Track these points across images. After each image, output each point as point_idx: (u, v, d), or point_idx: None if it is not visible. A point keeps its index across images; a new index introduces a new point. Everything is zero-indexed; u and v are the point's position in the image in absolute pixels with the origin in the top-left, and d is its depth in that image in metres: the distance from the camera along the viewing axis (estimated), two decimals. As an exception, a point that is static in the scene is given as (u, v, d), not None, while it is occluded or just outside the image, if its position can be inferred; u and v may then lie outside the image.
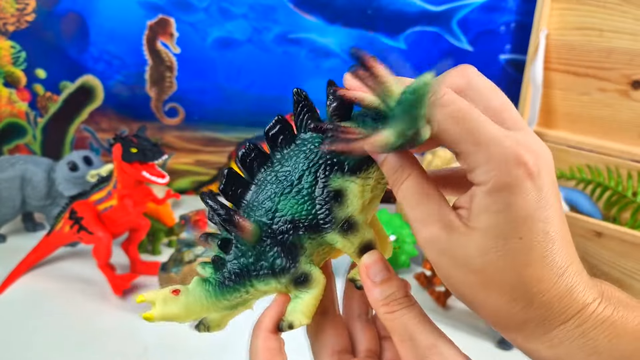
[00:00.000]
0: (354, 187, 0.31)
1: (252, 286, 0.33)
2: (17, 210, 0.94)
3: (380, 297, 0.31)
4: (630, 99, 0.88)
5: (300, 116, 0.32)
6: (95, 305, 0.77)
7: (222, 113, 1.11)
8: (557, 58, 0.94)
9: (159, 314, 0.33)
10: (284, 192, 0.32)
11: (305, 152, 0.32)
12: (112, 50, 1.07)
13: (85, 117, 1.12)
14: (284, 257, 0.32)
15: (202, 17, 1.05)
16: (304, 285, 0.32)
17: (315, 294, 0.32)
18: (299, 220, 0.31)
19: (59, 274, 0.85)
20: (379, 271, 0.31)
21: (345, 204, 0.31)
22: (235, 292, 0.33)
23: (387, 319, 0.30)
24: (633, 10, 0.85)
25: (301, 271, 0.32)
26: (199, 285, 0.34)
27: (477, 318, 0.76)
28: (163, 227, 0.93)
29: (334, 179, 0.31)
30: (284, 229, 0.32)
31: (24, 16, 1.04)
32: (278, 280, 0.32)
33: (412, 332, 0.29)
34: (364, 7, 1.04)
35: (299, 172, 0.32)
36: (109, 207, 0.80)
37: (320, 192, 0.31)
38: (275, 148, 0.33)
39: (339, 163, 0.31)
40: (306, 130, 0.32)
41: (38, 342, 0.68)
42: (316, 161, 0.31)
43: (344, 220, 0.31)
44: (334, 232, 0.31)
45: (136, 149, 0.76)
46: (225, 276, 0.33)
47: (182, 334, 0.71)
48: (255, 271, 0.32)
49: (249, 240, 0.32)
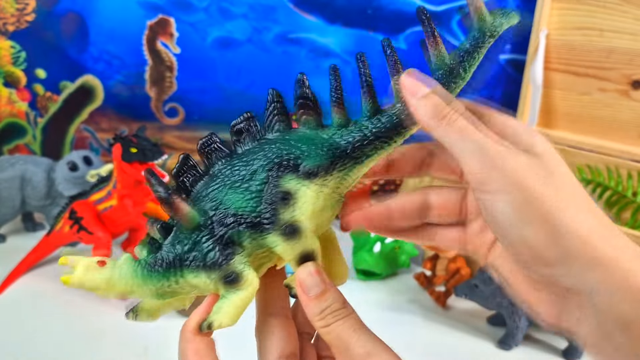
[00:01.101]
0: (305, 191, 0.31)
1: (182, 276, 0.32)
2: (17, 210, 0.94)
3: (316, 311, 0.30)
4: (631, 99, 0.88)
5: (270, 116, 0.32)
6: (95, 305, 0.77)
7: (222, 113, 1.11)
8: (557, 58, 0.94)
9: (78, 279, 0.32)
10: (233, 186, 0.31)
11: (265, 150, 0.31)
12: (112, 50, 1.07)
13: (85, 117, 1.12)
14: (219, 251, 0.31)
15: (202, 17, 1.05)
16: (232, 285, 0.31)
17: (243, 297, 0.31)
18: (242, 215, 0.31)
19: (59, 274, 0.84)
20: (314, 285, 0.30)
21: (292, 206, 0.30)
22: (163, 279, 0.32)
23: (323, 332, 0.30)
24: (633, 10, 0.84)
25: (232, 269, 0.31)
26: (127, 262, 0.32)
27: (477, 318, 0.76)
28: (163, 227, 0.93)
29: (286, 179, 0.31)
30: (225, 222, 0.31)
31: (24, 16, 1.04)
32: (208, 274, 0.31)
33: (347, 343, 0.29)
34: (364, 7, 1.04)
35: (253, 168, 0.31)
36: (109, 207, 0.80)
37: (269, 191, 0.30)
38: (237, 143, 0.32)
39: (295, 165, 0.31)
40: (273, 131, 0.32)
41: (38, 342, 0.68)
42: (272, 159, 0.31)
43: (288, 223, 0.30)
44: (275, 234, 0.30)
45: (136, 149, 0.76)
46: (157, 260, 0.32)
47: (182, 334, 0.71)
48: (187, 260, 0.31)
49: (185, 226, 0.31)
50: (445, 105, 0.29)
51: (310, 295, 0.30)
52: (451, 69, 0.32)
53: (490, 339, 0.72)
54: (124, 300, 0.78)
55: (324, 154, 0.31)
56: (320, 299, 0.30)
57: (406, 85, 0.30)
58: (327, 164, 0.31)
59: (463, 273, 0.78)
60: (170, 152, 1.13)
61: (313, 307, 0.30)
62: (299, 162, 0.31)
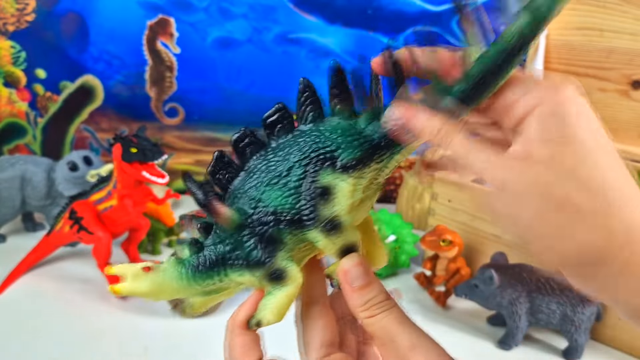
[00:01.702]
0: (344, 185, 0.30)
1: (226, 276, 0.32)
2: (17, 210, 0.94)
3: (360, 302, 0.30)
4: (631, 99, 0.88)
5: (303, 107, 0.31)
6: (95, 305, 0.77)
7: (222, 113, 1.11)
8: (557, 58, 0.94)
9: (128, 289, 0.32)
10: (270, 183, 0.31)
11: (300, 144, 0.31)
12: (112, 50, 1.07)
13: (85, 117, 1.12)
14: (261, 249, 0.31)
15: (202, 17, 1.05)
16: (277, 282, 0.31)
17: (289, 292, 0.31)
18: (281, 213, 0.30)
19: (59, 274, 0.85)
20: (358, 276, 0.31)
21: (331, 202, 0.30)
22: (208, 279, 0.32)
23: (367, 323, 0.30)
24: (633, 10, 0.84)
25: (276, 267, 0.31)
26: (172, 266, 0.33)
27: (476, 318, 0.76)
28: (163, 227, 0.93)
29: (324, 174, 0.30)
30: (265, 221, 0.30)
31: (24, 16, 1.04)
32: (252, 273, 0.31)
33: (393, 334, 0.29)
34: (364, 7, 1.04)
35: (289, 164, 0.30)
36: (109, 207, 0.80)
37: (307, 187, 0.30)
38: (271, 136, 0.32)
39: (332, 159, 0.30)
40: (307, 122, 0.31)
41: (38, 342, 0.68)
42: (308, 154, 0.30)
43: (328, 219, 0.30)
44: (316, 230, 0.30)
45: (136, 149, 0.76)
46: (200, 261, 0.32)
47: (182, 333, 0.71)
48: (231, 260, 0.31)
49: (227, 228, 0.31)
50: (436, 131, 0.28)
51: (354, 286, 0.30)
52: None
53: (490, 339, 0.72)
54: (124, 300, 0.78)
55: (360, 146, 0.30)
56: (364, 290, 0.30)
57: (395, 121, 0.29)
58: (364, 157, 0.30)
59: (463, 273, 0.78)
60: (170, 152, 1.13)
61: (357, 298, 0.30)
62: (336, 155, 0.30)
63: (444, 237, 0.76)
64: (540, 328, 0.73)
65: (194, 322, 0.73)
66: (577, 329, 0.67)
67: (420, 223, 1.00)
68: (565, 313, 0.67)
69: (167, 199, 0.90)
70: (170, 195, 0.90)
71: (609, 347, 0.71)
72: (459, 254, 0.78)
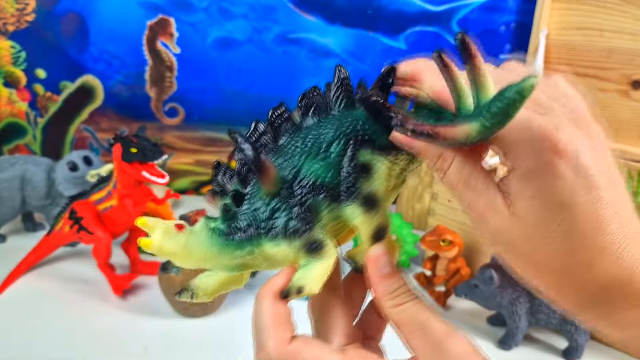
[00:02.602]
0: (381, 166, 0.30)
1: (259, 245, 0.31)
2: (17, 210, 0.94)
3: (389, 290, 0.30)
4: (631, 99, 0.88)
5: (338, 93, 0.31)
6: (95, 305, 0.77)
7: (222, 113, 1.11)
8: (557, 58, 0.94)
9: (157, 244, 0.31)
10: (311, 155, 0.30)
11: (337, 123, 0.31)
12: (112, 50, 1.07)
13: (85, 117, 1.12)
14: (300, 219, 0.30)
15: (202, 17, 1.05)
16: (316, 253, 0.30)
17: (327, 264, 0.30)
18: (322, 184, 0.30)
19: (59, 274, 0.85)
20: (387, 264, 0.31)
21: (372, 179, 0.30)
22: (238, 249, 0.31)
23: (394, 312, 0.30)
24: (633, 10, 0.84)
25: (315, 237, 0.30)
26: (204, 229, 0.31)
27: (477, 318, 0.76)
28: (163, 227, 0.93)
29: (363, 153, 0.30)
30: (305, 191, 0.30)
31: (24, 16, 1.04)
32: (289, 242, 0.30)
33: (425, 322, 0.29)
34: (364, 7, 1.04)
35: (328, 139, 0.30)
36: (109, 207, 0.80)
37: (349, 162, 0.30)
38: (306, 115, 0.32)
39: (371, 140, 0.30)
40: (340, 108, 0.31)
41: (38, 342, 0.68)
42: (347, 133, 0.30)
43: (368, 195, 0.30)
44: (355, 205, 0.30)
45: (136, 148, 0.76)
46: (232, 229, 0.31)
47: (182, 333, 0.71)
48: (267, 229, 0.31)
49: (268, 190, 0.30)
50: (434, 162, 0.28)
51: (383, 273, 0.30)
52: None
53: (491, 338, 0.72)
54: (123, 300, 0.78)
55: None
56: (393, 278, 0.30)
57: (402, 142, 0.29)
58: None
59: (463, 273, 0.78)
60: (170, 152, 1.13)
61: (386, 285, 0.30)
62: (374, 137, 0.30)
63: (444, 237, 0.76)
64: (540, 328, 0.73)
65: (194, 322, 0.73)
66: (577, 329, 0.67)
67: (420, 223, 1.00)
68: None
69: (167, 199, 0.90)
70: (170, 195, 0.90)
71: (609, 347, 0.71)
72: (459, 254, 0.78)
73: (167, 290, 0.73)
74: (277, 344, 0.29)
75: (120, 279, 0.79)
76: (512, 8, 1.03)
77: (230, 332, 0.71)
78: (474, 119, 0.24)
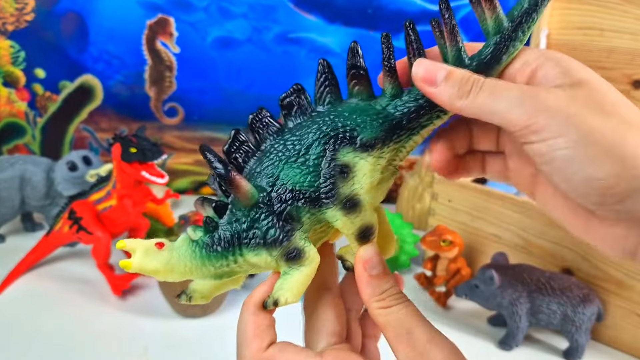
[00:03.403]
0: (364, 164, 0.30)
1: (242, 255, 0.31)
2: (16, 210, 0.93)
3: (376, 292, 0.30)
4: (631, 98, 0.88)
5: (321, 88, 0.32)
6: (95, 305, 0.77)
7: (222, 113, 1.11)
8: (558, 58, 0.94)
9: (138, 264, 0.31)
10: (289, 161, 0.31)
11: (319, 123, 0.31)
12: (112, 50, 1.07)
13: (84, 117, 1.11)
14: (279, 227, 0.30)
15: (201, 17, 1.05)
16: (295, 261, 0.30)
17: (307, 272, 0.31)
18: (300, 191, 0.30)
19: (58, 274, 0.84)
20: (377, 264, 0.31)
21: (351, 180, 0.30)
22: (222, 259, 0.31)
23: (380, 314, 0.30)
24: (634, 10, 0.84)
25: (294, 245, 0.30)
26: (185, 244, 0.32)
27: (477, 318, 0.76)
28: (162, 227, 0.93)
29: (343, 152, 0.30)
30: (283, 198, 0.30)
31: (23, 16, 1.04)
32: (269, 252, 0.31)
33: (410, 327, 0.29)
34: (364, 7, 1.04)
35: (308, 142, 0.31)
36: (108, 207, 0.80)
37: (327, 165, 0.30)
38: (288, 117, 0.32)
39: (351, 137, 0.30)
40: (324, 103, 0.32)
41: (37, 343, 0.68)
42: (327, 133, 0.30)
43: (348, 197, 0.30)
44: (335, 208, 0.30)
45: (135, 148, 0.76)
46: (215, 240, 0.31)
47: (182, 333, 0.71)
48: (247, 239, 0.31)
49: (244, 203, 0.30)
50: (466, 79, 0.28)
51: (372, 274, 0.30)
52: (510, 32, 0.29)
53: (491, 339, 0.72)
54: (123, 300, 0.78)
55: (379, 125, 0.31)
56: (382, 280, 0.30)
57: (419, 76, 0.29)
58: (383, 136, 0.30)
59: (463, 273, 0.78)
60: (170, 152, 1.13)
61: (374, 287, 0.30)
62: (355, 134, 0.30)
63: (444, 238, 0.76)
64: (541, 328, 0.73)
65: (194, 322, 0.73)
66: (577, 329, 0.67)
67: (421, 223, 1.00)
68: (566, 313, 0.67)
69: (167, 199, 0.90)
70: (170, 196, 0.90)
71: (609, 347, 0.71)
72: (459, 254, 0.78)
73: (167, 291, 0.73)
74: (253, 354, 0.30)
75: (120, 279, 0.79)
76: (512, 8, 1.03)
77: (230, 332, 0.71)
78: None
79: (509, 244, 0.79)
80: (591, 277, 0.71)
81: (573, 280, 0.69)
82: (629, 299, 0.68)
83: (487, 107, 0.27)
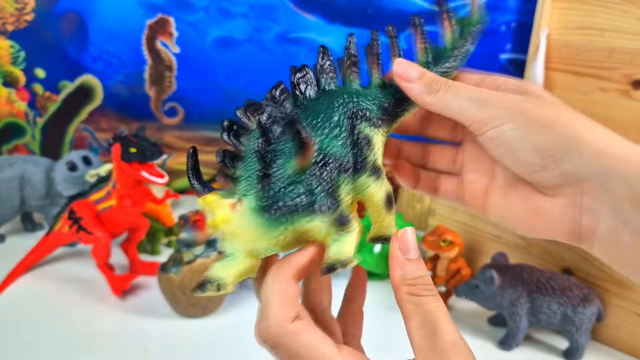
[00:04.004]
0: (378, 138, 0.34)
1: (293, 222, 0.30)
2: (16, 210, 0.93)
3: (409, 276, 0.30)
4: (631, 98, 0.88)
5: (328, 70, 0.36)
6: (95, 305, 0.77)
7: (222, 113, 1.11)
8: (558, 58, 0.94)
9: (219, 218, 0.30)
10: (323, 132, 0.32)
11: (339, 100, 0.34)
12: (112, 49, 1.07)
13: (84, 117, 1.11)
14: (329, 195, 0.31)
15: (201, 17, 1.05)
16: (343, 227, 0.31)
17: (354, 237, 0.31)
18: (340, 160, 0.32)
19: (58, 275, 0.84)
20: (413, 249, 0.31)
21: (374, 149, 0.33)
22: (279, 226, 0.31)
23: (409, 300, 0.29)
24: (634, 10, 0.84)
25: (341, 212, 0.31)
26: (249, 208, 0.31)
27: (477, 318, 0.76)
28: (162, 227, 0.93)
29: (363, 125, 0.33)
30: (329, 167, 0.31)
31: (23, 16, 1.04)
32: (322, 218, 0.30)
33: (437, 323, 0.29)
34: (364, 7, 1.04)
35: (337, 116, 0.33)
36: (108, 207, 0.80)
37: (356, 136, 0.33)
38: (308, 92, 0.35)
39: (366, 115, 0.34)
40: (332, 85, 0.36)
41: (37, 343, 0.68)
42: (350, 108, 0.34)
43: (374, 163, 0.33)
44: (366, 175, 0.32)
45: (135, 148, 0.76)
46: (270, 207, 0.30)
47: (182, 333, 0.71)
48: (300, 205, 0.30)
49: (302, 165, 0.30)
50: (435, 80, 0.33)
51: (408, 257, 0.31)
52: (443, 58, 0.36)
53: (491, 339, 0.72)
54: (123, 300, 0.78)
55: (377, 109, 0.35)
56: (417, 265, 0.30)
57: (398, 73, 0.34)
58: (384, 117, 0.35)
59: (463, 273, 0.78)
60: (169, 152, 1.13)
61: (408, 270, 0.30)
62: (367, 113, 0.34)
63: (444, 238, 0.76)
64: (541, 328, 0.73)
65: (194, 322, 0.73)
66: (577, 330, 0.67)
67: (421, 223, 1.00)
68: (566, 313, 0.67)
69: (167, 199, 0.90)
70: (170, 195, 0.90)
71: (609, 347, 0.71)
72: (459, 254, 0.78)
73: (167, 291, 0.73)
74: (279, 319, 0.29)
75: (120, 280, 0.79)
76: (512, 8, 1.03)
77: (230, 332, 0.71)
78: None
79: (509, 244, 0.79)
80: (591, 277, 0.71)
81: (573, 280, 0.69)
82: (629, 299, 0.68)
83: (450, 103, 0.33)
